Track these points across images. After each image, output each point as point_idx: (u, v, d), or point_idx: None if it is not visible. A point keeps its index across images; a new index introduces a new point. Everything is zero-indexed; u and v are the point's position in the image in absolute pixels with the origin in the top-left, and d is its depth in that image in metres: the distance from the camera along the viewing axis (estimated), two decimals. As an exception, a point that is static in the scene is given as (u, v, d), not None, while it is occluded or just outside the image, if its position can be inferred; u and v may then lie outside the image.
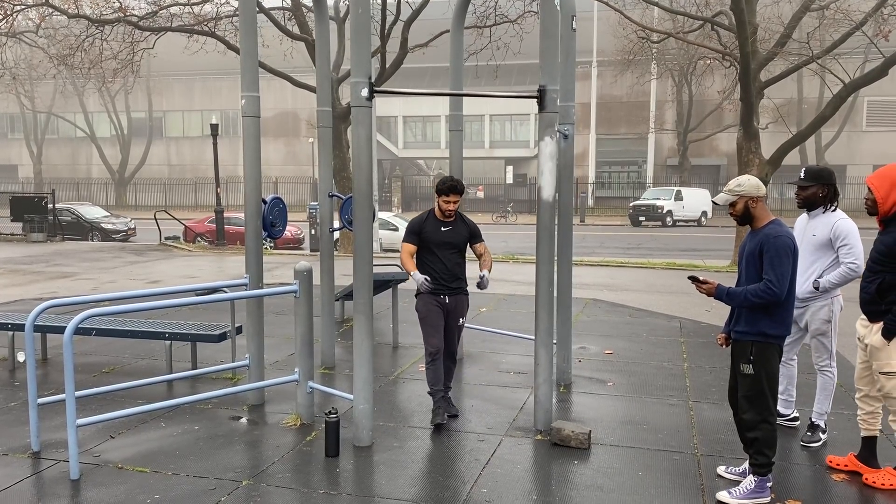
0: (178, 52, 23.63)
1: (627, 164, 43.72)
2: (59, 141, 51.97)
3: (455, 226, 5.58)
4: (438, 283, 5.51)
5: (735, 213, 4.24)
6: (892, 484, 4.41)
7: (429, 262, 5.53)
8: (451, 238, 5.53)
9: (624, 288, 12.75)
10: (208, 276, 14.51)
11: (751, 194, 4.16)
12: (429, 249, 5.52)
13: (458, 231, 5.58)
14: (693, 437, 5.28)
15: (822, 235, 4.94)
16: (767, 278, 4.03)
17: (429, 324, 5.50)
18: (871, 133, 39.36)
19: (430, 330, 5.49)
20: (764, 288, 4.03)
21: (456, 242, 5.56)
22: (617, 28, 27.63)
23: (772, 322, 4.13)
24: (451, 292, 5.56)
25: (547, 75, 5.24)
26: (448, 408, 5.66)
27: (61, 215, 24.53)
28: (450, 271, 5.53)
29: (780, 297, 4.02)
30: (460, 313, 5.65)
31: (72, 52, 19.60)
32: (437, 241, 5.49)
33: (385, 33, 18.05)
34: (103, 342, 8.14)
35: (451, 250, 5.53)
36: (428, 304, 5.51)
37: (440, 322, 5.52)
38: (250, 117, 5.74)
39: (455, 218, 5.60)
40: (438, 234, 5.51)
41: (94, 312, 4.51)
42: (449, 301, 5.55)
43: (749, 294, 4.07)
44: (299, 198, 45.79)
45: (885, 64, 13.82)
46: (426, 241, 5.51)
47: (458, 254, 5.59)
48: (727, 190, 4.22)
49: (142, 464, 4.78)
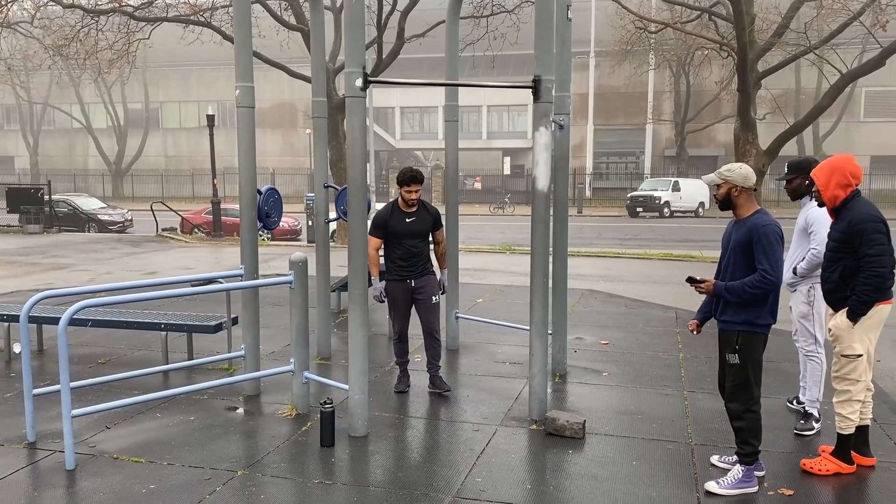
0: (174, 42, 23.52)
1: (625, 155, 43.67)
2: (56, 132, 51.80)
3: (419, 215, 5.87)
4: (405, 267, 5.85)
5: (717, 195, 4.28)
6: (829, 469, 4.46)
7: (395, 250, 5.85)
8: (416, 227, 5.85)
9: (620, 279, 12.77)
10: (205, 267, 14.51)
11: (736, 182, 4.17)
12: (395, 239, 5.82)
13: (422, 219, 5.88)
14: (687, 427, 5.30)
15: (800, 223, 5.16)
16: (762, 268, 4.05)
17: (396, 308, 5.92)
18: (869, 123, 39.34)
19: (396, 314, 5.93)
20: (760, 278, 4.04)
21: (421, 230, 5.88)
22: (615, 18, 27.57)
23: (758, 312, 4.14)
24: (417, 275, 5.89)
25: (542, 65, 5.23)
26: (440, 384, 6.05)
27: (58, 207, 24.48)
28: (415, 256, 5.86)
29: (777, 284, 4.05)
30: (431, 292, 5.93)
31: (67, 43, 19.51)
32: (402, 232, 5.80)
33: (382, 23, 18.00)
34: (99, 333, 8.14)
35: (416, 239, 5.86)
36: (396, 289, 5.87)
37: (408, 307, 5.93)
38: (245, 107, 5.73)
39: (418, 207, 5.87)
40: (403, 225, 5.81)
41: (89, 303, 4.51)
42: (416, 283, 5.89)
43: (747, 286, 4.08)
44: (297, 189, 45.73)
45: (882, 54, 13.82)
46: (392, 232, 5.81)
47: (422, 240, 5.93)
48: (717, 172, 4.26)
49: (137, 454, 4.79)
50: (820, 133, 37.77)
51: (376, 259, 5.93)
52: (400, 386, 6.08)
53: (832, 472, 4.47)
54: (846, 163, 4.37)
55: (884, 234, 4.20)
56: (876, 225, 4.20)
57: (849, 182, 4.35)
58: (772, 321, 4.17)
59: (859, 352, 4.38)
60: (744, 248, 4.14)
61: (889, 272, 4.21)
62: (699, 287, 4.31)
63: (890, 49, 13.63)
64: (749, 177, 4.17)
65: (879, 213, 4.29)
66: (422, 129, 46.90)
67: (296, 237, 22.37)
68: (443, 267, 6.21)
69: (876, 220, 4.22)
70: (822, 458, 4.54)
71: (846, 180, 4.34)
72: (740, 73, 14.82)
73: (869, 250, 4.19)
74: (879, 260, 4.18)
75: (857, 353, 4.37)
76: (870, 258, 4.20)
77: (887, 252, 4.20)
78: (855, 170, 4.36)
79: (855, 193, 4.37)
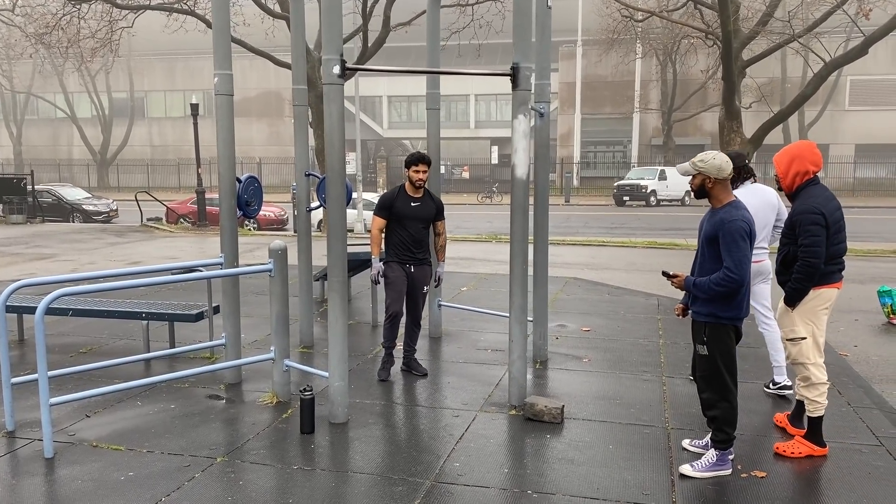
0: (159, 30, 23.35)
1: (612, 144, 43.72)
2: (39, 122, 51.30)
3: (424, 201, 5.99)
4: (406, 252, 5.97)
5: (692, 185, 4.27)
6: (802, 452, 4.55)
7: (398, 233, 5.96)
8: (420, 212, 5.96)
9: (604, 267, 12.83)
10: (189, 256, 14.46)
11: (709, 174, 4.14)
12: (399, 222, 5.93)
13: (426, 206, 6.00)
14: (665, 412, 5.36)
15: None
16: (726, 266, 4.05)
17: (394, 289, 5.96)
18: (854, 112, 39.54)
19: (394, 295, 5.96)
20: (723, 276, 4.04)
21: (424, 216, 5.99)
22: (601, 7, 27.58)
23: (725, 304, 4.15)
24: (417, 262, 6.02)
25: (520, 53, 5.24)
26: (416, 367, 6.26)
27: (41, 197, 24.30)
28: (416, 242, 5.98)
29: (742, 282, 4.04)
30: (424, 282, 6.09)
31: (49, 31, 19.32)
32: (407, 215, 5.91)
33: (367, 11, 17.92)
34: (81, 323, 8.12)
35: (419, 224, 5.97)
36: (396, 270, 5.97)
37: (404, 289, 6.00)
38: (223, 95, 5.71)
39: (424, 194, 6.00)
40: (408, 209, 5.92)
41: (66, 291, 4.49)
42: (414, 270, 6.02)
43: (712, 284, 4.10)
44: (283, 179, 45.56)
45: (865, 42, 13.90)
46: (397, 214, 5.91)
47: (424, 226, 6.02)
48: (691, 162, 4.22)
49: (117, 442, 4.80)
50: (805, 121, 37.93)
51: (378, 239, 5.99)
52: (383, 373, 6.11)
53: (804, 454, 4.54)
54: (806, 150, 4.49)
55: (820, 226, 4.32)
56: (813, 216, 4.34)
57: (807, 170, 4.48)
58: (738, 313, 4.18)
59: (802, 335, 4.51)
60: (711, 242, 4.15)
61: (820, 263, 4.35)
62: (672, 281, 4.34)
63: (873, 37, 13.72)
64: (723, 167, 4.12)
65: (826, 203, 4.39)
66: (409, 118, 46.79)
67: (282, 227, 22.32)
68: (441, 259, 6.32)
69: (815, 211, 4.35)
70: (795, 441, 4.61)
71: (805, 168, 4.47)
72: (725, 61, 14.88)
73: (804, 240, 4.36)
74: (811, 251, 4.34)
75: (800, 336, 4.52)
76: (804, 248, 4.36)
77: (819, 244, 4.33)
78: (815, 157, 4.48)
79: (809, 181, 4.49)
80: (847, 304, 9.54)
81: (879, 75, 38.41)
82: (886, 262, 13.44)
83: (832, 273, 4.48)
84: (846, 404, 5.49)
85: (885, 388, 6.13)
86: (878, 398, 5.75)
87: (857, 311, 9.07)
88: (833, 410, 5.35)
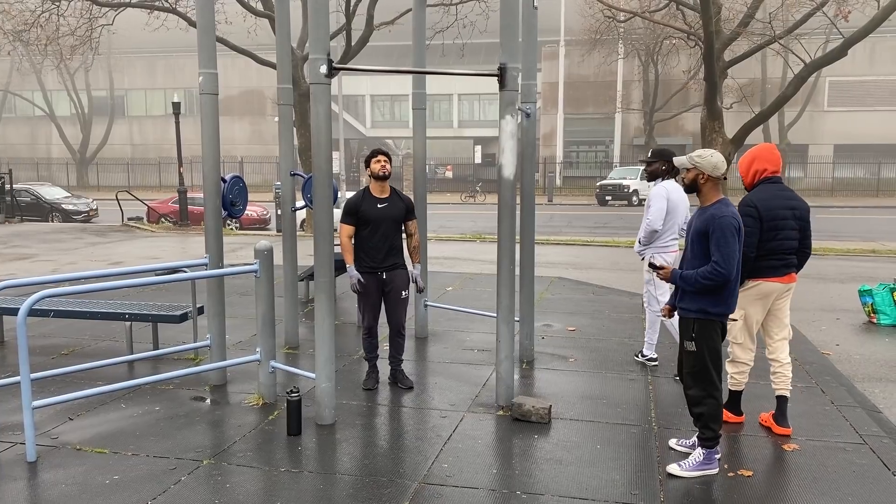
0: (139, 28, 23.11)
1: (595, 144, 43.88)
2: (17, 120, 50.59)
3: (391, 201, 5.69)
4: (375, 260, 5.66)
5: (685, 179, 4.36)
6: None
7: (366, 239, 5.63)
8: (389, 213, 5.64)
9: (589, 266, 12.88)
10: (171, 256, 14.34)
11: (704, 170, 4.22)
12: (366, 225, 5.61)
13: (394, 205, 5.69)
14: (651, 411, 5.38)
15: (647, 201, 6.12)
16: (714, 260, 4.10)
17: (366, 301, 5.71)
18: (833, 112, 39.96)
19: (366, 307, 5.73)
20: (711, 270, 4.10)
21: (393, 217, 5.67)
22: (584, 7, 27.68)
23: (713, 300, 4.21)
24: (389, 269, 5.71)
25: (507, 53, 5.24)
26: (403, 380, 5.97)
27: (20, 196, 23.97)
28: (388, 246, 5.67)
29: (729, 276, 4.09)
30: (401, 287, 5.77)
31: (27, 28, 19.06)
32: (374, 217, 5.60)
33: (350, 10, 17.86)
34: (62, 324, 8.02)
35: (389, 225, 5.65)
36: (368, 280, 5.67)
37: (378, 300, 5.74)
38: (208, 94, 5.65)
39: (391, 193, 5.72)
40: (375, 211, 5.61)
41: (49, 293, 4.44)
42: (387, 276, 5.70)
43: (699, 277, 4.15)
44: (265, 178, 45.29)
45: (844, 44, 14.05)
46: (364, 218, 5.60)
47: (395, 228, 5.70)
48: (688, 156, 4.31)
49: (101, 445, 4.74)
50: (785, 122, 38.28)
51: (349, 246, 5.61)
52: (369, 383, 5.90)
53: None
54: (766, 151, 4.83)
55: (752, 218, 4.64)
56: (745, 208, 4.69)
57: (764, 168, 4.81)
58: (726, 310, 4.24)
59: (734, 317, 4.84)
60: (701, 238, 4.20)
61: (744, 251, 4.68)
62: (659, 273, 4.38)
63: (852, 39, 13.87)
64: (718, 166, 4.21)
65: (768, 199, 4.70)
66: (392, 118, 46.71)
67: (265, 226, 22.18)
68: (415, 261, 5.93)
69: (748, 204, 4.70)
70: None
71: (762, 167, 4.81)
72: (707, 62, 14.97)
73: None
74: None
75: (731, 318, 4.81)
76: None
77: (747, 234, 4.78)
78: (773, 157, 4.82)
79: (766, 179, 4.79)
80: (828, 303, 9.65)
81: (857, 76, 38.85)
82: (865, 262, 13.60)
83: (771, 268, 4.74)
84: (829, 403, 5.55)
85: (867, 387, 6.20)
86: (860, 397, 5.82)
87: (839, 311, 9.17)
88: (817, 409, 5.41)
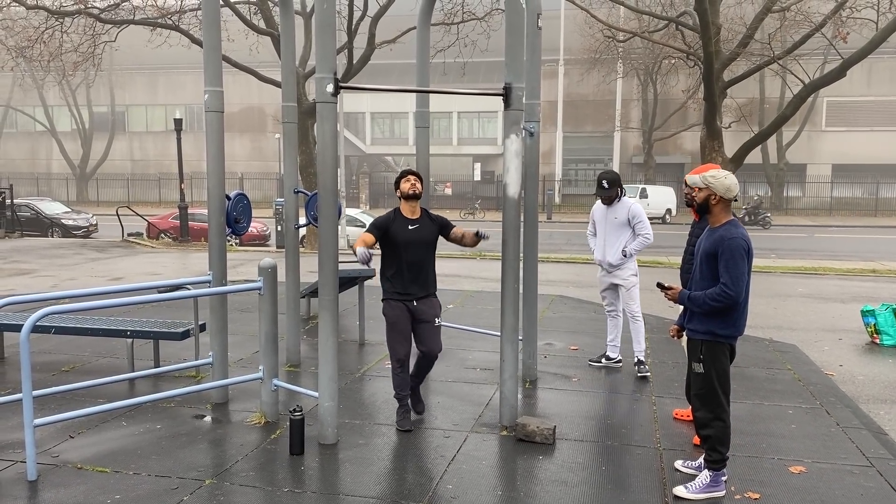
0: (142, 45, 23.24)
1: (594, 162, 44.01)
2: (18, 135, 50.67)
3: (422, 223, 5.34)
4: (406, 289, 5.29)
5: (697, 198, 4.32)
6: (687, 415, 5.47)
7: (396, 262, 5.28)
8: (419, 235, 5.29)
9: (590, 284, 12.86)
10: (172, 272, 14.31)
11: (717, 191, 4.21)
12: (396, 248, 5.26)
13: (426, 227, 5.34)
14: (656, 432, 5.35)
15: (623, 217, 6.69)
16: (723, 281, 4.09)
17: (396, 330, 5.26)
18: (830, 133, 40.14)
19: (397, 337, 5.26)
20: (720, 292, 4.09)
21: (425, 240, 5.31)
22: (584, 27, 27.84)
23: (722, 322, 4.19)
24: (420, 297, 5.34)
25: (512, 73, 5.26)
26: (415, 404, 5.66)
27: (20, 211, 23.98)
28: (417, 271, 5.29)
29: (737, 299, 4.08)
30: (433, 314, 5.38)
31: (31, 45, 19.13)
32: (403, 240, 5.24)
33: (352, 29, 17.96)
34: (63, 340, 7.98)
35: (420, 247, 5.28)
36: (395, 308, 5.28)
37: (408, 329, 5.30)
38: (213, 112, 5.67)
39: (421, 215, 5.39)
40: (405, 233, 5.25)
41: (52, 310, 4.41)
42: (417, 305, 5.32)
43: (708, 298, 4.14)
44: (265, 194, 45.34)
45: (843, 65, 14.12)
46: (393, 239, 5.24)
47: (426, 252, 5.32)
48: (702, 176, 4.28)
49: (102, 464, 4.70)
50: (783, 141, 38.44)
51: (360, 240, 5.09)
52: (405, 424, 5.35)
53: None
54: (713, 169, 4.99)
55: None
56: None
57: None
58: (735, 332, 4.22)
59: None
60: (710, 258, 4.19)
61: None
62: (667, 293, 4.37)
63: (850, 60, 13.95)
64: (731, 188, 4.19)
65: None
66: (392, 135, 46.81)
67: (264, 242, 22.19)
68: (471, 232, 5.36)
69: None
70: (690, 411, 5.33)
71: None
72: (706, 82, 15.05)
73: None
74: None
75: None
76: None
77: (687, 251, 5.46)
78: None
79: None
80: (830, 323, 9.63)
81: (855, 97, 39.08)
82: (866, 282, 13.60)
83: None
84: (835, 425, 5.52)
85: (871, 408, 6.17)
86: (865, 418, 5.79)
87: (841, 331, 9.15)
88: (822, 431, 5.38)
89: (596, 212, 6.94)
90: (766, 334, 8.76)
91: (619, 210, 6.72)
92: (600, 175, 6.71)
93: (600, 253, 6.88)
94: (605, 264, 6.86)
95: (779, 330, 9.11)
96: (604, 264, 6.87)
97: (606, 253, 6.82)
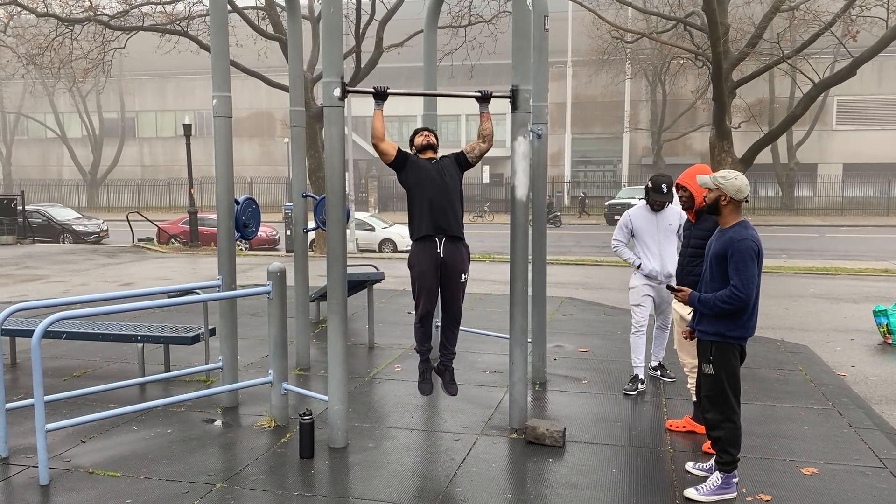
0: (151, 51, 23.36)
1: (602, 164, 43.95)
2: (29, 141, 51.07)
3: (441, 161, 5.24)
4: (431, 219, 5.05)
5: (707, 199, 4.28)
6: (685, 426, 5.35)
7: (418, 198, 5.09)
8: (441, 165, 5.19)
9: (599, 286, 12.83)
10: (182, 277, 14.37)
11: (728, 192, 4.18)
12: (418, 182, 5.09)
13: (444, 162, 5.23)
14: (666, 434, 5.33)
15: (675, 223, 6.21)
16: (733, 283, 4.07)
17: (422, 283, 5.09)
18: (841, 132, 39.91)
19: (422, 290, 5.10)
20: (730, 294, 4.07)
21: (447, 168, 5.19)
22: (591, 28, 27.84)
23: (732, 323, 4.17)
24: (448, 239, 5.08)
25: (519, 75, 5.26)
26: (449, 384, 5.45)
27: (31, 217, 24.16)
28: (443, 205, 5.07)
29: (747, 301, 4.06)
30: (461, 269, 5.15)
31: (41, 52, 19.29)
32: (424, 165, 5.15)
33: (360, 33, 18.01)
34: (74, 345, 8.02)
35: (443, 178, 5.12)
36: (421, 260, 5.07)
37: (435, 284, 5.12)
38: (222, 117, 5.69)
39: (438, 158, 5.30)
40: (427, 163, 5.17)
41: (64, 315, 4.44)
42: (445, 254, 5.07)
43: (718, 301, 4.12)
44: (274, 198, 45.48)
45: (853, 64, 14.04)
46: (413, 167, 5.13)
47: (450, 185, 5.13)
48: (712, 177, 4.25)
49: (113, 468, 4.72)
50: (794, 141, 38.25)
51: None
52: (425, 388, 5.36)
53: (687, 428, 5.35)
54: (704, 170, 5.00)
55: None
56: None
57: None
58: (745, 333, 4.19)
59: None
60: (720, 260, 4.17)
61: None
62: (677, 295, 4.36)
63: (860, 59, 13.87)
64: (742, 189, 4.16)
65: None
66: (401, 138, 46.80)
67: (274, 247, 22.24)
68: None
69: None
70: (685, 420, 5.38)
71: None
72: (715, 82, 15.00)
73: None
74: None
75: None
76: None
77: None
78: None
79: None
80: (842, 323, 9.57)
81: (866, 96, 38.84)
82: (879, 281, 13.50)
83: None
84: (847, 426, 5.48)
85: (884, 409, 6.12)
86: (878, 419, 5.75)
87: (853, 331, 9.09)
88: (835, 432, 5.34)
89: (637, 219, 6.28)
90: (778, 335, 8.71)
91: (670, 216, 6.18)
92: (656, 179, 6.08)
93: (658, 263, 6.18)
94: (662, 276, 6.20)
95: (790, 331, 9.05)
96: (661, 276, 6.20)
97: (666, 263, 6.16)
